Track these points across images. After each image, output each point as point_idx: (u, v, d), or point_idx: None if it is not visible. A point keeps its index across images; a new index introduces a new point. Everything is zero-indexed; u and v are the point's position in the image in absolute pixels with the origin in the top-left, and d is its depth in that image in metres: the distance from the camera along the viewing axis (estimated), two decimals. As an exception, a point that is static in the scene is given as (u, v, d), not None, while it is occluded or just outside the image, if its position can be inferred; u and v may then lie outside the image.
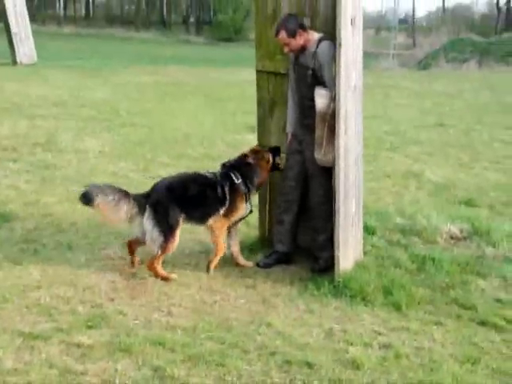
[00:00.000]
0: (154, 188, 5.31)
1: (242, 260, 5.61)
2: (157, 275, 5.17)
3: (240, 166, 5.51)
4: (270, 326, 4.49)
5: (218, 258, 5.41)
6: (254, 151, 5.63)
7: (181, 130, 11.95)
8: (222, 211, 5.35)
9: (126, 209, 5.07)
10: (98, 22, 63.66)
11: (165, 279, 5.14)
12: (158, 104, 15.43)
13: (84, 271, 5.29)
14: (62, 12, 65.43)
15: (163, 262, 5.25)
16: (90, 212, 6.70)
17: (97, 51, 34.82)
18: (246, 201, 5.47)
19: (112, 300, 4.78)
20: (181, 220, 5.20)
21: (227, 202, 5.35)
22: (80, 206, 6.80)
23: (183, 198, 5.22)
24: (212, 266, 5.39)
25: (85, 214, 6.70)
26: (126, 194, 5.14)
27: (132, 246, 5.40)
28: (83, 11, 71.94)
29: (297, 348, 4.19)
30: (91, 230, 6.29)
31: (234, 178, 5.41)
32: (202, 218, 5.36)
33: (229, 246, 5.58)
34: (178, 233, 5.19)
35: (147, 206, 5.11)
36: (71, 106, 14.33)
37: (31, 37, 23.90)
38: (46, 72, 21.00)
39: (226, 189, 5.35)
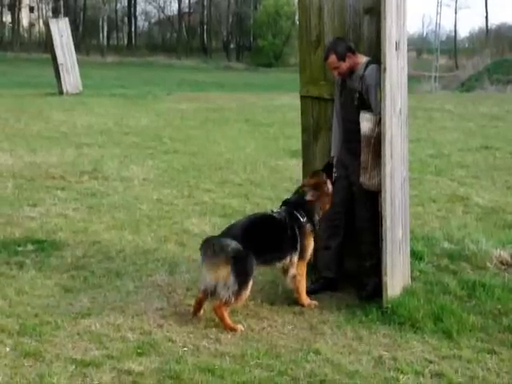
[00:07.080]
0: (230, 233, 5.01)
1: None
2: (223, 322, 4.82)
3: (302, 203, 5.28)
4: (318, 353, 4.43)
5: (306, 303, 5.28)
6: (313, 185, 5.36)
7: (223, 156, 12.05)
8: (295, 254, 5.16)
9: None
10: (140, 50, 65.18)
11: (231, 329, 4.77)
12: (200, 130, 15.62)
13: (132, 298, 5.34)
14: (105, 42, 67.06)
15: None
16: (137, 239, 6.86)
17: (139, 79, 35.60)
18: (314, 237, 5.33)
19: (161, 327, 4.79)
20: (255, 267, 5.01)
21: (299, 245, 5.16)
22: (127, 233, 7.06)
23: (259, 245, 4.98)
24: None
25: (132, 241, 6.82)
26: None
27: (201, 302, 5.02)
28: (125, 40, 73.71)
29: (346, 376, 4.12)
30: (138, 256, 6.36)
31: (299, 217, 5.20)
32: (274, 262, 5.18)
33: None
34: (251, 281, 4.96)
35: None
36: (116, 134, 14.62)
37: (76, 67, 24.60)
38: (91, 101, 21.53)
39: (296, 230, 5.15)
